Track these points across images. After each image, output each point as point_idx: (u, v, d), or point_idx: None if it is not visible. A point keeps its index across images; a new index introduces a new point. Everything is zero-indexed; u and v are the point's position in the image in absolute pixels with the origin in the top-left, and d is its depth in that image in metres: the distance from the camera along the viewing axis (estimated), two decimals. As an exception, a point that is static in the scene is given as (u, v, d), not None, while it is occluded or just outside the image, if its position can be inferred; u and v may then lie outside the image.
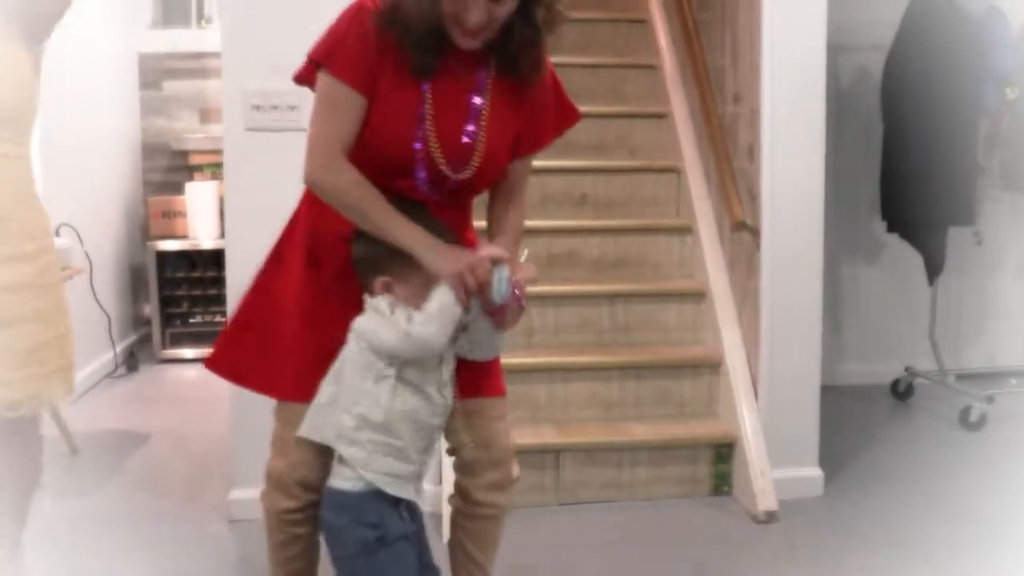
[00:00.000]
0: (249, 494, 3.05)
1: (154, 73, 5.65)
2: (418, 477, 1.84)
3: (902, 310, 4.69)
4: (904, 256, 4.40)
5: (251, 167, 3.04)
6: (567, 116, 2.01)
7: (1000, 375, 4.51)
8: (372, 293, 1.82)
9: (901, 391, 4.48)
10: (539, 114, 1.93)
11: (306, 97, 2.96)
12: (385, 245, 1.78)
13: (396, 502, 1.81)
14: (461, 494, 2.04)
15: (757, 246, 3.27)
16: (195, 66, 5.63)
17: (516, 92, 1.87)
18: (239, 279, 3.06)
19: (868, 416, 4.25)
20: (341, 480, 1.80)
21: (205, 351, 5.20)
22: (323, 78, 1.80)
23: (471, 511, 2.04)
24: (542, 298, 3.51)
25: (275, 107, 3.01)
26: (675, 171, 3.91)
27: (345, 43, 1.78)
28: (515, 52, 1.80)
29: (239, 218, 3.06)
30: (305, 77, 1.87)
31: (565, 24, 1.86)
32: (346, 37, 1.78)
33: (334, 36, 1.80)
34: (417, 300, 1.77)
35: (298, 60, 2.97)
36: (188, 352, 5.26)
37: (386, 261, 1.79)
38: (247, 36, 3.01)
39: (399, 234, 1.76)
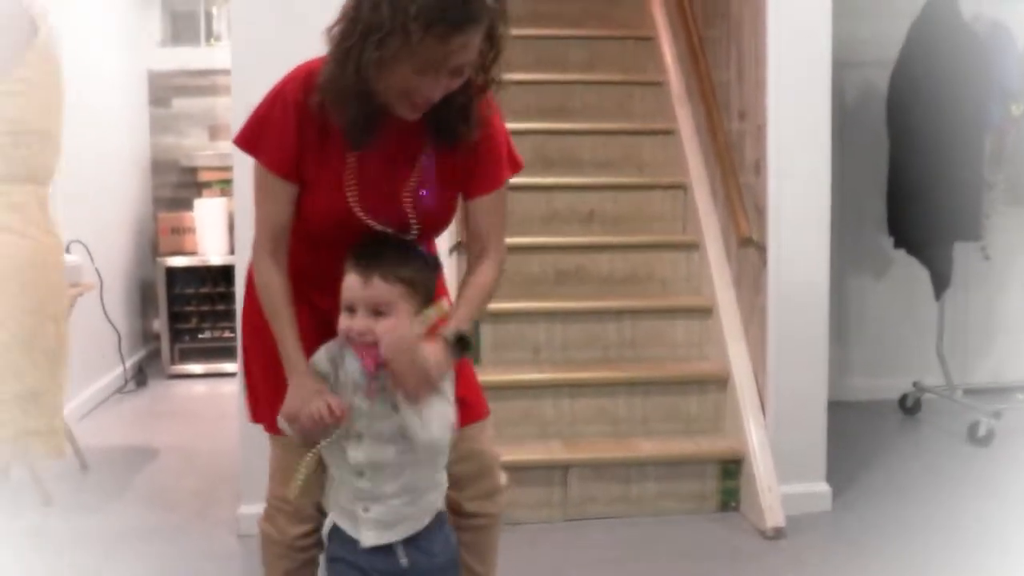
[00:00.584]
0: (258, 509, 3.05)
1: (163, 90, 5.70)
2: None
3: (909, 325, 4.69)
4: (911, 271, 4.40)
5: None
6: (514, 158, 1.93)
7: (1008, 390, 4.50)
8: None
9: (909, 406, 4.48)
10: (489, 152, 1.85)
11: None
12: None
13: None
14: (452, 508, 2.04)
15: (763, 262, 3.28)
16: (204, 83, 5.67)
17: (453, 146, 1.81)
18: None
19: (876, 431, 4.25)
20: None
21: (213, 366, 5.24)
22: (255, 163, 1.81)
23: (464, 523, 2.05)
24: (550, 314, 3.53)
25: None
26: (682, 187, 3.93)
27: (267, 130, 1.77)
28: (451, 117, 1.77)
29: (249, 233, 3.06)
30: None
31: (571, 45, 1.88)
32: (267, 124, 1.77)
33: (257, 122, 1.79)
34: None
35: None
36: (197, 368, 5.28)
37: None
38: (256, 52, 3.04)
39: (283, 351, 1.79)
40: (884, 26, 4.38)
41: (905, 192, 4.12)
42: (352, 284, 1.70)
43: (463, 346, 1.77)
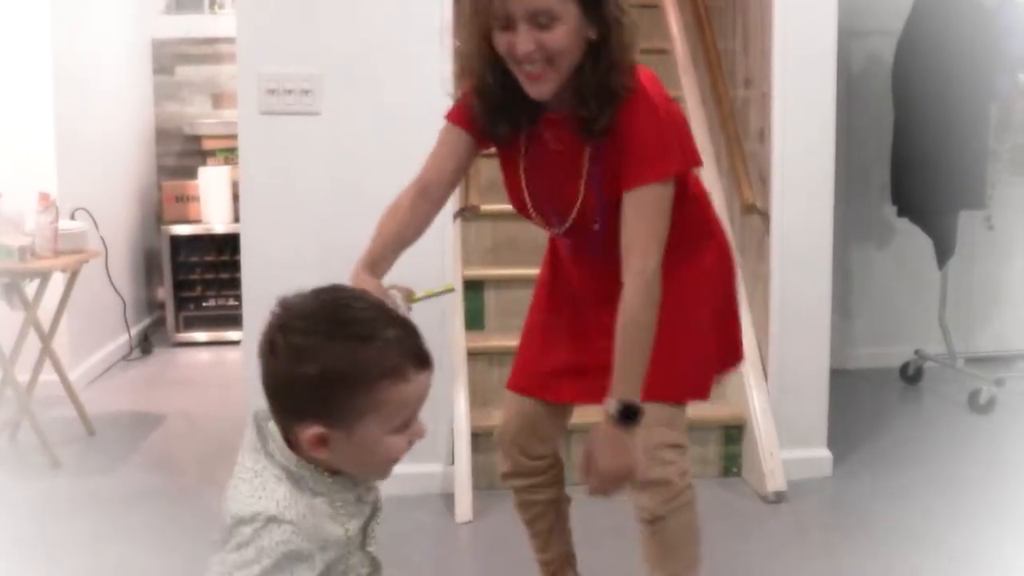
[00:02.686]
0: (264, 473, 3.09)
1: (167, 58, 5.69)
2: None
3: (912, 294, 4.70)
4: (914, 240, 4.41)
5: (266, 151, 3.07)
6: (663, 160, 1.77)
7: (1009, 359, 4.52)
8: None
9: (911, 374, 4.50)
10: (631, 145, 1.76)
11: (320, 81, 3.02)
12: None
13: None
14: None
15: (767, 230, 3.29)
16: (208, 51, 5.66)
17: (603, 139, 1.79)
18: (254, 262, 3.10)
19: (877, 399, 4.27)
20: None
21: (218, 334, 5.26)
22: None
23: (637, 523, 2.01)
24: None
25: (290, 91, 3.04)
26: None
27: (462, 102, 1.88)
28: (588, 103, 1.74)
29: (254, 201, 3.09)
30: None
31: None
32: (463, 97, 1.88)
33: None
34: None
35: (313, 43, 3.04)
36: (201, 335, 5.30)
37: None
38: (262, 20, 3.05)
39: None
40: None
41: (910, 160, 4.12)
42: None
43: (630, 415, 1.70)
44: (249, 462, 1.25)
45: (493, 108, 1.80)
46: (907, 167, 4.13)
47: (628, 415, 1.70)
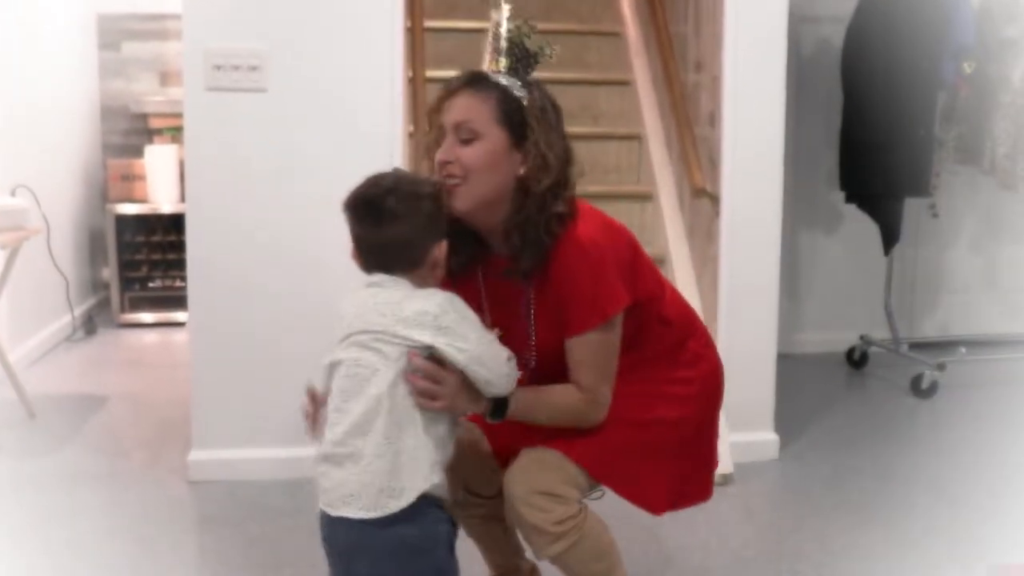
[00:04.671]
0: (208, 455, 3.06)
1: (113, 34, 5.57)
2: None
3: (859, 280, 4.76)
4: (861, 226, 4.46)
5: (212, 128, 3.01)
6: (599, 306, 1.78)
7: (952, 344, 4.60)
8: (414, 268, 1.68)
9: (856, 359, 4.56)
10: (569, 294, 1.78)
11: (268, 57, 2.97)
12: (430, 206, 1.70)
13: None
14: None
15: (716, 213, 3.30)
16: (155, 28, 5.56)
17: (533, 279, 1.81)
18: (200, 242, 3.05)
19: (823, 383, 4.33)
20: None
21: (164, 315, 5.19)
22: None
23: None
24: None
25: (236, 67, 2.99)
26: (637, 138, 3.94)
27: None
28: (520, 243, 1.77)
29: (200, 178, 3.04)
30: None
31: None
32: None
33: None
34: (438, 281, 1.72)
35: (261, 19, 2.99)
36: (147, 316, 5.22)
37: (441, 226, 1.72)
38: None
39: None
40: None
41: (857, 146, 4.16)
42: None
43: (500, 408, 1.75)
44: (393, 296, 1.64)
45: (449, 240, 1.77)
46: (854, 153, 4.17)
47: (498, 407, 1.75)
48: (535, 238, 1.75)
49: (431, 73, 3.54)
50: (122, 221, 5.18)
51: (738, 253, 3.29)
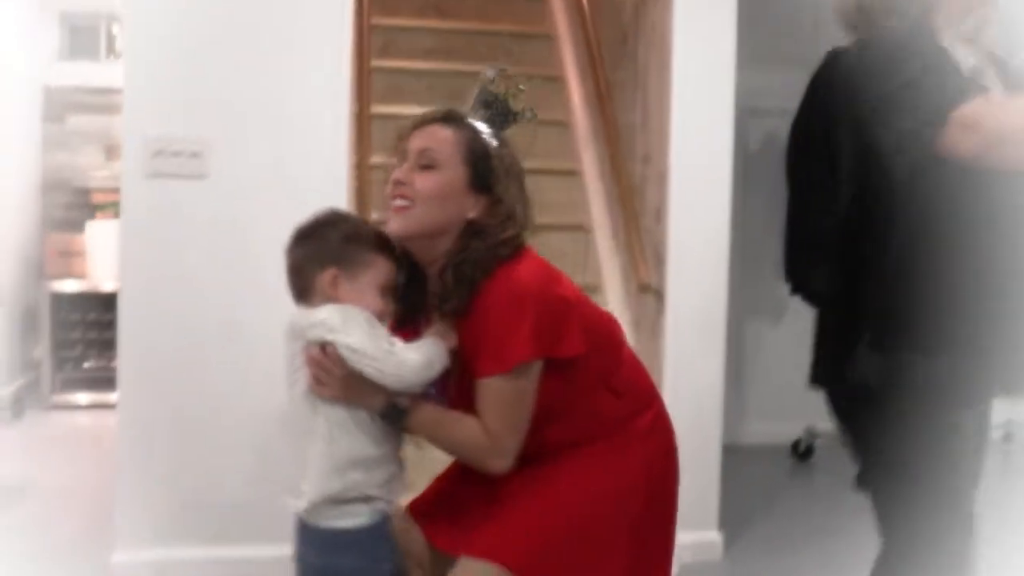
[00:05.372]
0: (133, 556, 2.92)
1: (59, 107, 5.50)
2: None
3: (804, 370, 4.73)
4: (808, 316, 4.44)
5: (150, 214, 2.94)
6: (503, 353, 1.74)
7: (897, 437, 4.59)
8: (312, 291, 1.77)
9: (801, 451, 4.54)
10: (477, 339, 1.76)
11: (209, 143, 2.92)
12: (333, 238, 1.78)
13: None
14: None
15: (661, 309, 3.28)
16: (102, 101, 5.49)
17: (457, 318, 1.79)
18: (132, 328, 2.96)
19: (769, 477, 4.29)
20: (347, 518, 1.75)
21: (98, 397, 5.03)
22: None
23: None
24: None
25: (177, 154, 2.93)
26: (583, 229, 3.92)
27: None
28: (446, 271, 1.77)
29: (135, 266, 2.95)
30: None
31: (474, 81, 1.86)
32: None
33: None
34: (361, 301, 1.74)
35: (203, 104, 2.94)
36: (80, 398, 5.07)
37: (334, 255, 1.76)
38: (150, 77, 2.94)
39: None
40: (788, 76, 4.45)
41: (800, 240, 4.17)
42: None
43: (393, 414, 1.73)
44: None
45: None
46: (796, 247, 4.18)
47: (394, 412, 1.73)
48: (469, 276, 1.73)
49: (376, 160, 3.51)
50: (58, 298, 5.06)
51: (683, 349, 3.27)
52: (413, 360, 1.70)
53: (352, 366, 1.68)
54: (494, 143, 1.81)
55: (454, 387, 1.81)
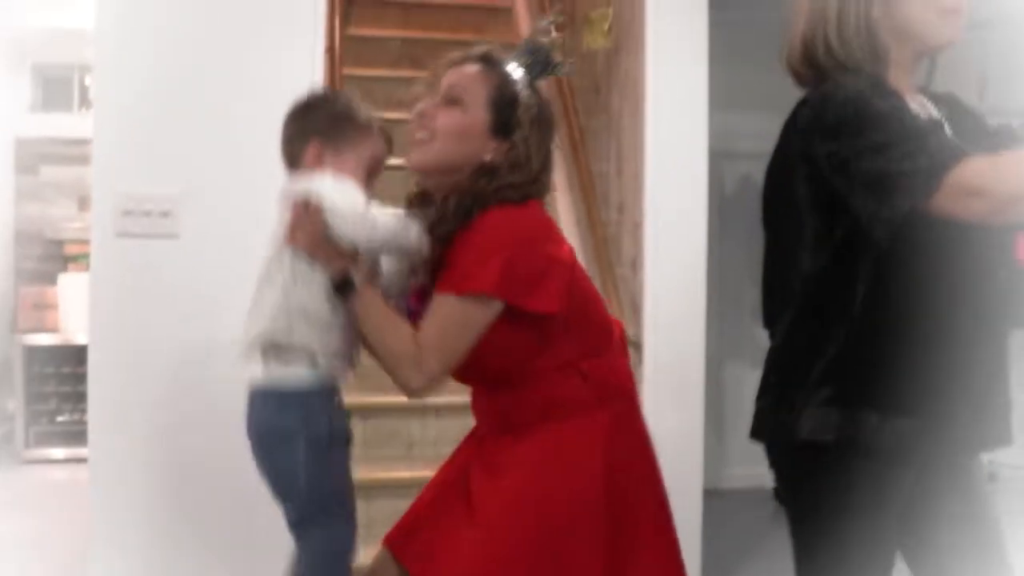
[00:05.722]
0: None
1: (31, 158, 5.47)
2: None
3: (785, 413, 4.74)
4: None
5: (120, 273, 2.91)
6: (464, 277, 1.71)
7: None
8: (300, 163, 1.83)
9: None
10: (453, 257, 1.76)
11: (180, 202, 2.90)
12: (321, 115, 1.84)
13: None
14: None
15: (639, 360, 3.27)
16: (75, 152, 5.46)
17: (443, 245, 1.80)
18: (102, 387, 2.92)
19: (751, 522, 4.26)
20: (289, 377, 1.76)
21: (73, 451, 4.96)
22: None
23: None
24: (423, 410, 3.43)
25: (147, 212, 2.90)
26: (561, 278, 3.90)
27: None
28: (451, 204, 1.78)
29: (104, 326, 2.92)
30: None
31: None
32: None
33: None
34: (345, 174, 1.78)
35: (174, 162, 2.92)
36: (54, 452, 4.99)
37: (320, 130, 1.82)
38: (120, 132, 2.93)
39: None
40: (759, 121, 4.48)
41: (776, 287, 4.18)
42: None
43: (344, 285, 1.74)
44: None
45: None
46: (772, 292, 4.19)
47: (344, 284, 1.73)
48: (467, 207, 1.73)
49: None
50: (32, 351, 5.00)
51: (662, 398, 3.25)
52: (386, 221, 1.73)
53: (327, 225, 1.71)
54: (525, 91, 1.80)
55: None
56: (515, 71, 1.82)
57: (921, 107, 1.65)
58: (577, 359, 1.81)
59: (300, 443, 1.73)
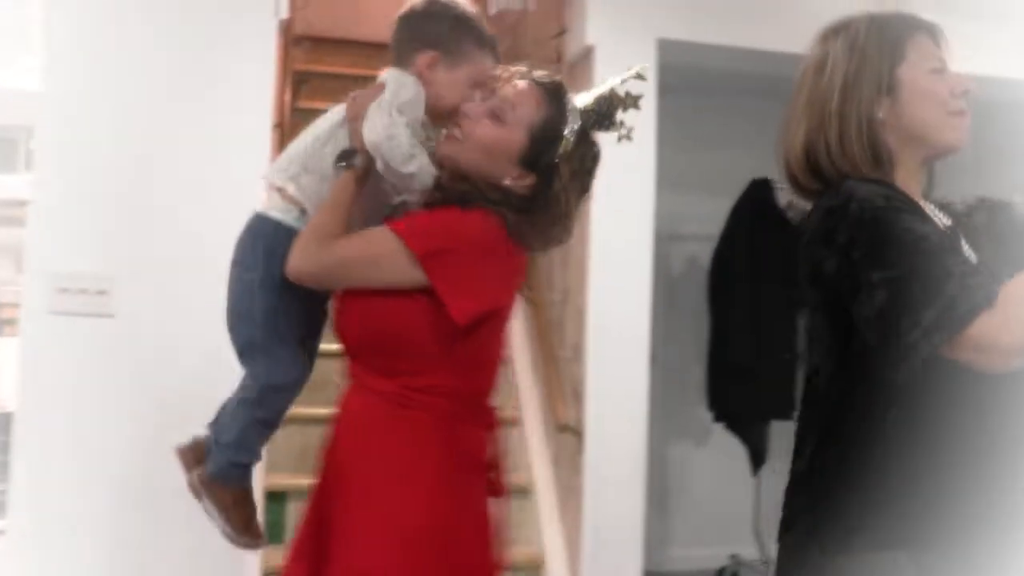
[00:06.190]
0: None
1: (-29, 218, 5.37)
2: None
3: (729, 495, 4.72)
4: (731, 441, 4.46)
5: (53, 351, 2.84)
6: (400, 224, 1.74)
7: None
8: (407, 66, 1.78)
9: (726, 579, 4.49)
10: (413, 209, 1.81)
11: (116, 281, 2.84)
12: (444, 25, 1.79)
13: None
14: None
15: (580, 447, 3.25)
16: (15, 213, 5.37)
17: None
18: (26, 461, 2.84)
19: (694, 607, 4.22)
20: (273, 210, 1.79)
21: (4, 521, 4.79)
22: None
23: None
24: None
25: (83, 291, 2.84)
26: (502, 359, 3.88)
27: None
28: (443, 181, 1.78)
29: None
30: None
31: None
32: None
33: None
34: (453, 90, 1.76)
35: (111, 241, 2.86)
36: (-19, 522, 4.83)
37: (441, 41, 1.77)
38: (58, 212, 2.86)
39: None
40: (706, 205, 4.53)
41: (722, 370, 4.21)
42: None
43: (349, 157, 1.73)
44: None
45: None
46: (719, 375, 4.22)
47: (347, 155, 1.74)
48: (459, 193, 1.69)
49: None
50: (-39, 418, 4.85)
51: (603, 484, 3.25)
52: (404, 147, 1.69)
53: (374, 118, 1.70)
54: (573, 136, 1.72)
55: None
56: (573, 113, 1.73)
57: (933, 215, 1.51)
58: (448, 394, 1.70)
59: (260, 269, 1.77)
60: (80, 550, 2.83)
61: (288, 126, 3.82)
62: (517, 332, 3.87)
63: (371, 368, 1.72)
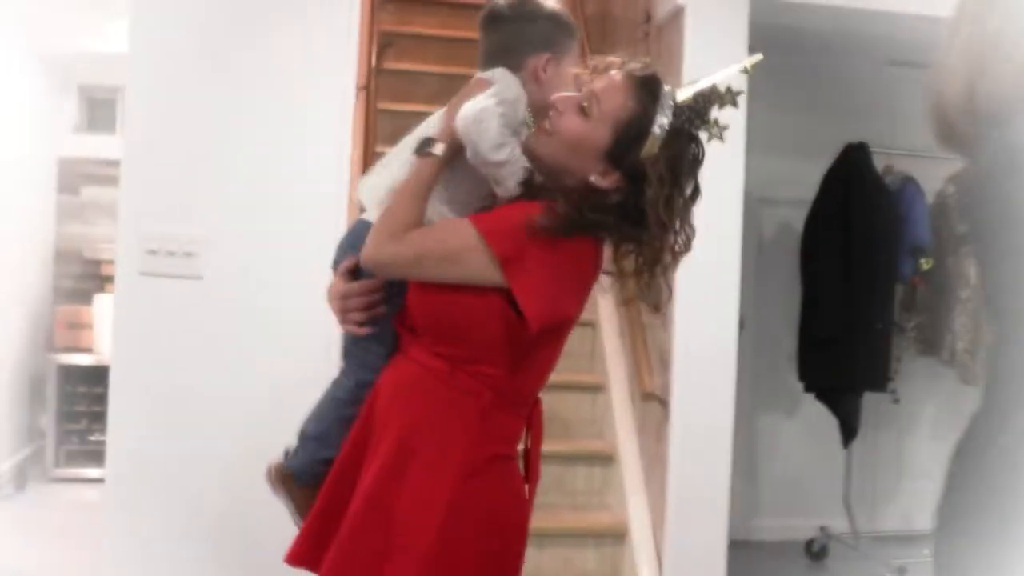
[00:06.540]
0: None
1: (73, 178, 5.51)
2: None
3: (819, 466, 4.62)
4: (822, 412, 4.35)
5: (143, 313, 2.90)
6: (479, 217, 1.73)
7: (915, 538, 4.44)
8: (518, 70, 1.78)
9: (815, 551, 4.40)
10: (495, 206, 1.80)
11: (205, 244, 2.87)
12: (549, 26, 1.81)
13: None
14: None
15: (666, 416, 3.19)
16: (117, 173, 5.48)
17: None
18: (122, 414, 2.92)
19: (781, 575, 4.15)
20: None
21: (104, 471, 4.96)
22: None
23: None
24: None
25: (172, 253, 2.89)
26: (591, 324, 3.83)
27: None
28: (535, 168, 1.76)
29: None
30: None
31: None
32: None
33: None
34: (560, 87, 1.72)
35: (200, 204, 2.90)
36: (83, 472, 5.00)
37: (549, 43, 1.79)
38: (148, 175, 2.91)
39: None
40: (799, 169, 4.39)
41: (815, 341, 4.09)
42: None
43: (428, 144, 1.71)
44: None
45: None
46: (812, 346, 4.10)
47: (425, 143, 1.72)
48: (537, 187, 1.69)
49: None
50: (66, 370, 5.03)
51: (689, 453, 3.19)
52: (510, 151, 1.67)
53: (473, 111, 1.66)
54: (663, 134, 1.61)
55: None
56: (664, 109, 1.62)
57: None
58: (495, 386, 1.68)
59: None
60: (171, 498, 2.92)
61: (374, 88, 3.81)
62: (603, 300, 3.82)
63: (428, 349, 1.70)
